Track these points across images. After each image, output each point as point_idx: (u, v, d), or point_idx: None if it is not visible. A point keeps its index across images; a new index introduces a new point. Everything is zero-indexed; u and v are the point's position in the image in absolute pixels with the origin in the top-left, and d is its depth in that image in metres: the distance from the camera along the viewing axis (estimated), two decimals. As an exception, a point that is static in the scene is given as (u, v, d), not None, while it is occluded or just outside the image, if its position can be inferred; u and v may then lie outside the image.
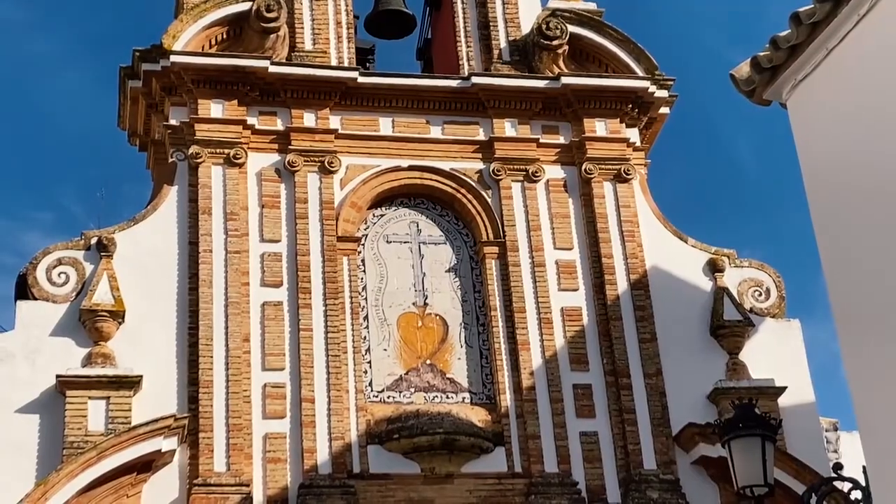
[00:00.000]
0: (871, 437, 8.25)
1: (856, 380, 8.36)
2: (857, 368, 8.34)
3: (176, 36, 13.64)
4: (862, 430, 8.38)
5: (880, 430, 8.14)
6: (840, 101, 8.79)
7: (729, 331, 13.88)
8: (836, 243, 8.75)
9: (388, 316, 13.56)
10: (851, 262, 8.53)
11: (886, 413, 8.06)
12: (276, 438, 12.47)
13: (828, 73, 8.85)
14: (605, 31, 14.94)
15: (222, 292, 12.89)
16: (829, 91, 8.88)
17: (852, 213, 8.54)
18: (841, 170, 8.77)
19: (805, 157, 9.15)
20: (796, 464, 12.66)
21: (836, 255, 8.69)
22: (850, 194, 8.61)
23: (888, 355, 7.97)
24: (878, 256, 8.12)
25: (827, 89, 8.90)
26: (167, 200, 13.41)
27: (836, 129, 8.87)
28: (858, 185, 8.50)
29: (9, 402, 12.05)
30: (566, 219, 14.20)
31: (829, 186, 8.90)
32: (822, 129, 9.06)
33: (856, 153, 8.57)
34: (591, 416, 13.27)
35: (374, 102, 14.22)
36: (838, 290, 8.62)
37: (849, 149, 8.67)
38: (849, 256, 8.56)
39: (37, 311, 12.58)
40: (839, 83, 8.77)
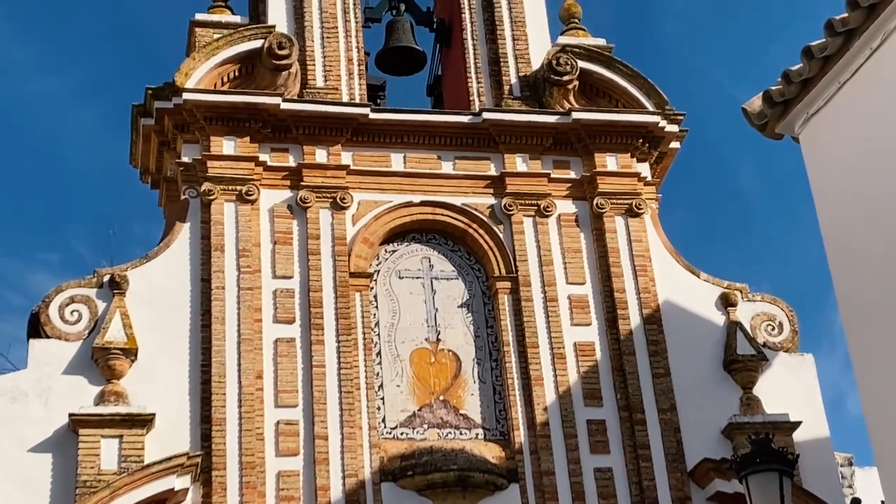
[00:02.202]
0: (889, 472, 8.24)
1: (873, 416, 8.36)
2: (874, 405, 8.35)
3: (188, 73, 13.72)
4: (880, 466, 8.39)
5: (899, 464, 8.15)
6: (853, 134, 8.84)
7: (742, 365, 13.84)
8: (850, 277, 8.78)
9: (401, 352, 13.57)
10: (866, 297, 8.55)
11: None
12: (290, 476, 12.44)
13: (840, 107, 8.90)
14: (614, 67, 15.01)
15: (235, 329, 12.90)
16: (842, 125, 8.93)
17: (866, 246, 8.57)
18: (854, 202, 8.81)
19: (818, 190, 9.20)
20: (813, 500, 12.62)
21: (851, 289, 8.71)
22: (863, 227, 8.63)
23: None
24: (894, 289, 8.14)
25: (839, 123, 8.95)
26: (179, 237, 13.45)
27: (848, 163, 8.92)
28: (872, 218, 8.52)
29: (21, 441, 12.03)
30: (578, 253, 14.21)
31: (843, 219, 8.93)
32: (834, 163, 9.11)
33: (869, 186, 8.61)
34: (606, 452, 13.23)
35: (385, 138, 14.28)
36: (853, 324, 8.64)
37: (862, 182, 8.71)
38: (864, 290, 8.58)
39: (49, 349, 12.57)
40: (852, 117, 8.82)
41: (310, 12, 14.72)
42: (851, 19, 8.48)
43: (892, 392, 8.17)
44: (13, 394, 12.23)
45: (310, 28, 14.64)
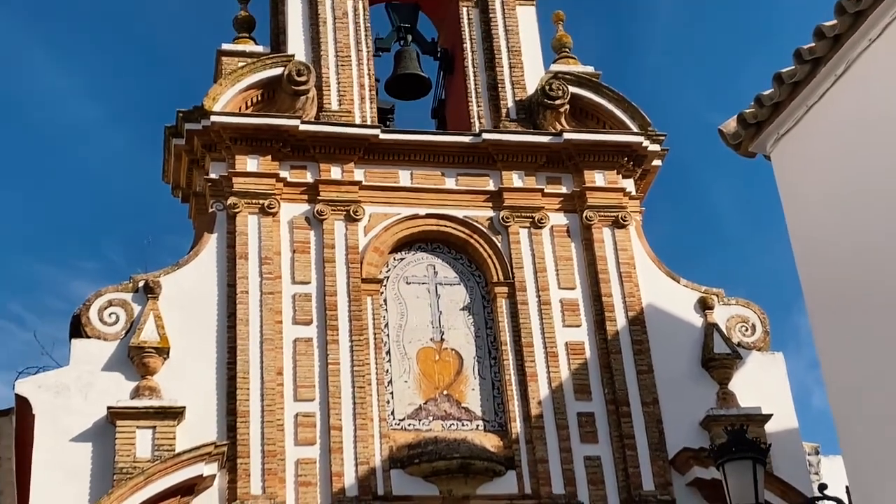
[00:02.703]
0: (854, 460, 8.23)
1: (839, 410, 8.35)
2: (840, 400, 8.33)
3: (216, 98, 13.75)
4: (845, 455, 8.37)
5: (862, 454, 8.12)
6: (819, 153, 8.85)
7: (719, 363, 13.83)
8: (818, 283, 8.77)
9: (409, 350, 13.56)
10: (832, 302, 8.55)
11: (867, 439, 8.05)
12: (307, 463, 12.44)
13: (808, 128, 8.91)
14: (602, 92, 15.02)
15: (258, 330, 12.90)
16: (810, 144, 8.93)
17: (832, 255, 8.56)
18: (821, 215, 8.81)
19: (788, 204, 9.20)
20: (783, 485, 12.61)
21: (819, 294, 8.70)
22: (830, 238, 8.63)
23: (868, 388, 7.98)
24: (859, 292, 8.14)
25: (807, 142, 8.95)
26: (207, 247, 13.46)
27: (815, 179, 8.92)
28: (838, 229, 8.52)
29: (64, 432, 12.04)
30: (569, 261, 14.20)
31: (811, 231, 8.93)
32: (803, 179, 9.11)
33: (834, 200, 8.61)
34: (594, 442, 13.21)
35: (394, 157, 14.28)
36: (821, 327, 8.62)
37: (828, 196, 8.71)
38: (830, 296, 8.57)
39: (89, 348, 12.59)
40: (818, 137, 8.82)
41: (325, 42, 14.75)
42: (818, 48, 8.49)
43: (855, 388, 8.16)
44: (57, 388, 12.24)
45: (325, 57, 14.67)
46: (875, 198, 8.03)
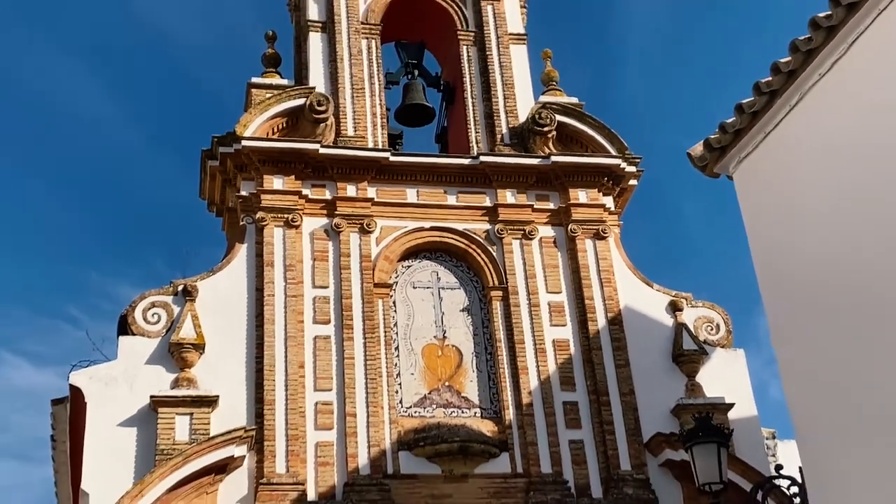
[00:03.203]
0: (806, 444, 8.21)
1: (793, 400, 8.33)
2: (795, 390, 8.31)
3: (246, 125, 13.76)
4: (798, 439, 8.34)
5: (814, 438, 8.10)
6: (776, 173, 8.85)
7: (687, 358, 13.81)
8: (775, 289, 8.75)
9: (415, 347, 13.53)
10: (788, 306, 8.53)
11: (818, 425, 8.03)
12: (326, 446, 12.42)
13: (765, 152, 8.91)
14: (585, 120, 15.02)
15: (282, 328, 12.89)
16: (767, 166, 8.93)
17: (788, 262, 8.56)
18: (777, 228, 8.80)
19: (748, 219, 9.19)
20: (743, 466, 12.56)
21: (776, 299, 8.69)
22: (785, 248, 8.62)
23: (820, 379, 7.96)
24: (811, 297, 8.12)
25: (765, 165, 8.96)
26: (238, 255, 13.45)
27: (773, 196, 8.92)
28: (792, 240, 8.52)
29: (112, 418, 12.05)
30: (555, 269, 14.18)
31: (769, 241, 8.92)
32: (761, 196, 9.11)
33: (789, 215, 8.60)
34: (578, 427, 13.18)
35: (402, 177, 14.27)
36: (778, 327, 8.61)
37: (783, 212, 8.70)
38: (786, 300, 8.56)
39: (135, 344, 12.60)
40: (775, 160, 8.82)
41: (343, 76, 14.76)
42: (774, 82, 8.50)
43: (808, 381, 8.14)
44: (106, 380, 12.25)
45: (342, 89, 14.66)
46: (824, 213, 8.03)
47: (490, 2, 15.80)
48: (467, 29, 15.73)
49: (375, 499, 12.11)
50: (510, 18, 15.83)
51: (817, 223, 8.15)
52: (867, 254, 7.45)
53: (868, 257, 7.44)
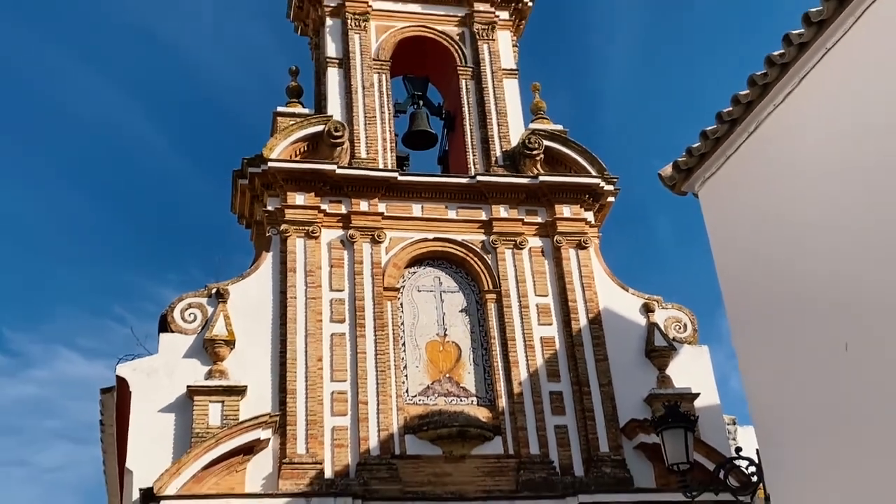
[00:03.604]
0: (763, 429, 8.22)
1: (751, 390, 8.34)
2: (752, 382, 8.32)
3: (272, 148, 13.79)
4: (756, 425, 8.35)
5: (769, 424, 8.11)
6: (736, 192, 8.87)
7: (658, 353, 13.81)
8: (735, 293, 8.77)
9: (419, 343, 13.53)
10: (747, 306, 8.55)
11: (773, 413, 8.04)
12: (341, 430, 12.41)
13: (727, 173, 8.93)
14: (569, 144, 15.03)
15: (303, 327, 12.89)
16: (728, 185, 8.96)
17: (747, 268, 8.57)
18: (737, 239, 8.81)
19: (712, 231, 9.20)
20: (707, 448, 12.57)
21: (736, 302, 8.70)
22: (743, 257, 8.64)
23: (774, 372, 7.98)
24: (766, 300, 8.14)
25: (726, 184, 8.97)
26: (265, 263, 13.46)
27: (733, 212, 8.93)
28: (750, 251, 8.54)
29: (153, 405, 12.06)
30: (543, 275, 14.19)
31: (729, 251, 8.93)
32: (723, 211, 9.12)
33: (748, 228, 8.62)
34: (563, 414, 13.18)
35: (409, 194, 14.28)
36: (738, 326, 8.62)
37: (743, 225, 8.72)
38: (745, 301, 8.57)
39: (174, 340, 12.61)
40: (735, 179, 8.85)
41: (357, 106, 14.79)
42: (734, 111, 8.52)
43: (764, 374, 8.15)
44: (148, 372, 12.26)
45: (356, 117, 14.69)
46: (778, 225, 8.05)
47: (486, 41, 15.85)
48: (466, 65, 15.76)
49: (384, 477, 12.10)
50: (503, 55, 15.87)
51: (772, 234, 8.17)
52: (815, 259, 7.48)
53: (815, 262, 7.47)
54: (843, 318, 7.08)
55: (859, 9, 7.13)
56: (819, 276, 7.40)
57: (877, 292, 6.76)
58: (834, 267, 7.24)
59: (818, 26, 7.44)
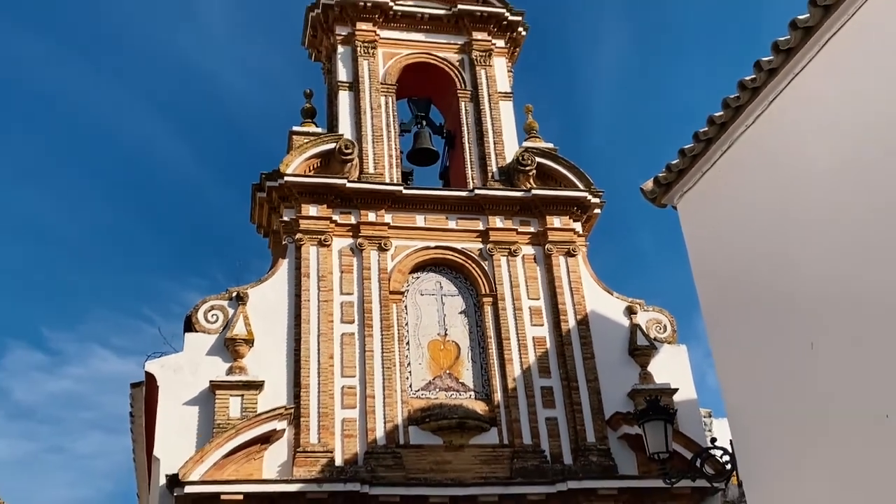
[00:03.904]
0: (736, 421, 8.19)
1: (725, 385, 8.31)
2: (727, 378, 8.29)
3: (288, 164, 13.80)
4: (729, 417, 8.32)
5: (741, 417, 8.08)
6: (711, 205, 8.86)
7: (641, 352, 13.79)
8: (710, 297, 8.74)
9: (422, 342, 13.51)
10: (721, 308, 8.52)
11: (745, 406, 8.02)
12: (350, 422, 12.39)
13: (703, 187, 8.91)
14: (559, 161, 15.03)
15: (316, 327, 12.87)
16: (704, 198, 8.94)
17: (720, 274, 8.55)
18: (712, 248, 8.80)
19: (689, 240, 9.17)
20: (685, 439, 12.54)
21: (711, 303, 8.67)
22: (718, 265, 8.62)
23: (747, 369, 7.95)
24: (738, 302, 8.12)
25: (703, 197, 8.96)
26: (281, 268, 13.44)
27: (708, 222, 8.92)
28: (725, 259, 8.52)
29: (179, 398, 12.05)
30: (535, 280, 14.17)
31: (705, 258, 8.91)
32: (699, 222, 9.10)
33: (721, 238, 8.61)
34: (553, 407, 13.15)
35: (413, 206, 14.27)
36: (713, 327, 8.59)
37: (717, 235, 8.71)
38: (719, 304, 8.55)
39: (197, 339, 12.60)
40: (710, 193, 8.84)
41: (365, 125, 14.79)
42: (710, 131, 8.51)
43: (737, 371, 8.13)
44: (174, 368, 12.26)
45: (365, 136, 14.69)
46: (749, 234, 8.03)
47: (483, 67, 15.85)
48: (465, 88, 15.77)
49: (390, 464, 12.08)
50: (499, 80, 15.87)
51: (743, 243, 8.15)
52: (783, 266, 7.46)
53: (783, 268, 7.45)
54: (808, 320, 7.05)
55: (822, 39, 7.12)
56: (786, 281, 7.38)
57: (838, 296, 6.74)
58: (800, 272, 7.23)
59: (786, 54, 7.43)
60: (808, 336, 7.03)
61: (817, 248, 7.06)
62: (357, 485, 11.62)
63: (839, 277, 6.77)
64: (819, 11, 7.00)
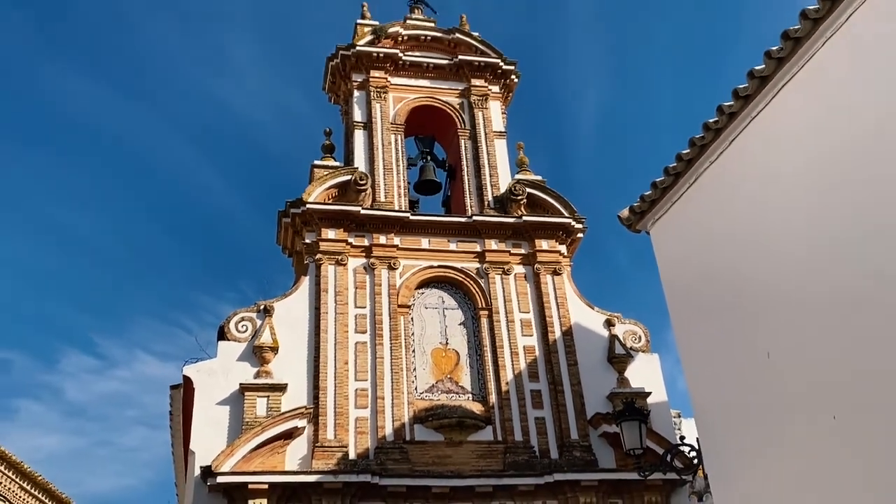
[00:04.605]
0: (702, 421, 8.17)
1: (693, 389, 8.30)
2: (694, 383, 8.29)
3: (310, 193, 13.85)
4: (696, 418, 8.30)
5: (707, 417, 8.07)
6: (679, 230, 8.87)
7: (618, 359, 13.76)
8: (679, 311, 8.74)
9: (426, 349, 13.49)
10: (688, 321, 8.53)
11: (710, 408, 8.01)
12: (362, 420, 12.36)
13: (672, 215, 8.93)
14: (547, 191, 15.07)
15: (333, 336, 12.87)
16: (673, 225, 8.95)
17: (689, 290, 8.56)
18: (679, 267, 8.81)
19: (660, 261, 9.18)
20: (657, 436, 12.51)
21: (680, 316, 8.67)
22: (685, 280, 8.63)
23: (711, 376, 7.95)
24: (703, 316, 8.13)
25: (672, 224, 8.98)
26: (303, 285, 13.45)
27: (677, 246, 8.93)
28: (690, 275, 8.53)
29: (213, 399, 12.05)
30: (525, 295, 14.16)
31: (674, 276, 8.92)
32: (669, 245, 9.11)
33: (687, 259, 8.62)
34: (542, 408, 13.11)
35: (418, 230, 14.29)
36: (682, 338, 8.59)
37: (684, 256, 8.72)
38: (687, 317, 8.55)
39: (229, 347, 12.60)
40: (679, 221, 8.85)
41: (378, 160, 14.85)
42: (678, 167, 8.55)
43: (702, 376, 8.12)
44: (209, 372, 12.26)
45: (377, 169, 14.75)
46: (712, 257, 8.05)
47: (480, 109, 15.94)
48: (465, 128, 15.85)
49: (397, 458, 12.03)
50: (494, 120, 15.96)
51: (708, 263, 8.16)
52: (743, 283, 7.48)
53: (743, 285, 7.47)
54: (764, 332, 7.07)
55: (776, 87, 7.19)
56: (745, 297, 7.40)
57: (790, 311, 6.76)
58: (757, 290, 7.25)
59: (744, 99, 7.50)
60: (764, 346, 7.04)
61: (771, 267, 7.09)
62: (368, 476, 11.56)
63: (791, 293, 6.80)
64: (773, 63, 7.10)
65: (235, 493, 11.14)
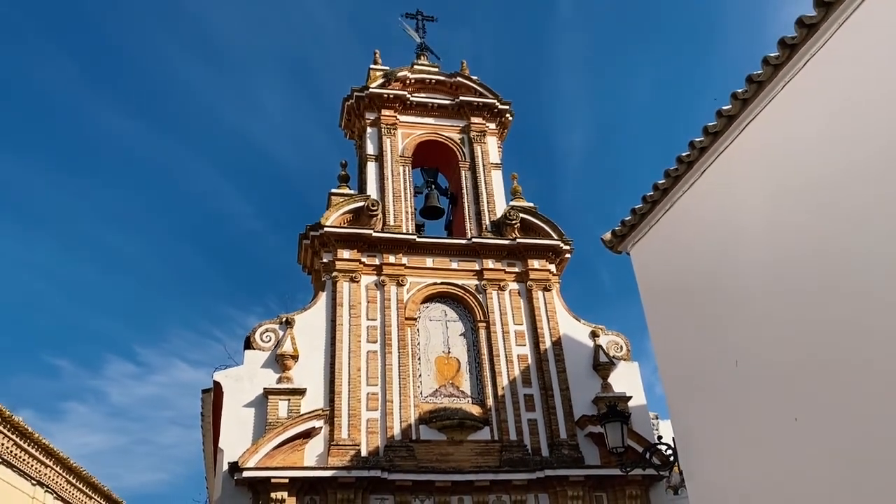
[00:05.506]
0: (677, 423, 8.15)
1: (669, 394, 8.28)
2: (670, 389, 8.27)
3: (327, 218, 13.89)
4: (672, 419, 8.27)
5: (682, 419, 8.04)
6: (656, 251, 8.89)
7: (602, 367, 13.72)
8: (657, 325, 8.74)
9: (430, 358, 13.46)
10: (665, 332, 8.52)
11: (684, 411, 7.98)
12: (373, 421, 12.31)
13: (650, 239, 8.96)
14: (538, 217, 15.10)
15: (347, 346, 12.85)
16: (651, 247, 8.98)
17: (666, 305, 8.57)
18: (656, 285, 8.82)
19: (640, 279, 9.19)
20: (637, 436, 12.43)
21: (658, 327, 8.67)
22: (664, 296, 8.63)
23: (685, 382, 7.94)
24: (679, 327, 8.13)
25: (650, 246, 9.00)
26: (321, 299, 13.45)
27: (654, 265, 8.94)
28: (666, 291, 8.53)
29: (240, 402, 12.01)
30: (519, 309, 14.14)
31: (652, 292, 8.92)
32: (647, 265, 9.13)
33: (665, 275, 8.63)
34: (534, 411, 13.06)
35: (424, 251, 14.29)
36: (659, 347, 8.59)
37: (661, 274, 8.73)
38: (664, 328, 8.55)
39: (255, 355, 12.57)
40: (656, 243, 8.88)
41: (387, 188, 14.89)
42: (655, 195, 8.59)
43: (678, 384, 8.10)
44: (236, 378, 12.23)
45: (388, 195, 14.79)
46: (685, 275, 8.06)
47: (479, 143, 16.03)
48: (465, 160, 15.92)
49: (404, 455, 11.98)
50: (491, 154, 16.04)
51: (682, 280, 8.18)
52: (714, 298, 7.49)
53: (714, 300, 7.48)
54: (733, 342, 7.07)
55: (742, 124, 7.26)
56: (716, 310, 7.41)
57: (757, 323, 6.77)
58: (726, 304, 7.26)
59: (714, 136, 7.56)
60: (733, 355, 7.04)
61: (738, 284, 7.11)
62: (378, 471, 11.51)
63: (756, 308, 6.81)
64: (738, 103, 7.18)
65: (259, 486, 11.10)
